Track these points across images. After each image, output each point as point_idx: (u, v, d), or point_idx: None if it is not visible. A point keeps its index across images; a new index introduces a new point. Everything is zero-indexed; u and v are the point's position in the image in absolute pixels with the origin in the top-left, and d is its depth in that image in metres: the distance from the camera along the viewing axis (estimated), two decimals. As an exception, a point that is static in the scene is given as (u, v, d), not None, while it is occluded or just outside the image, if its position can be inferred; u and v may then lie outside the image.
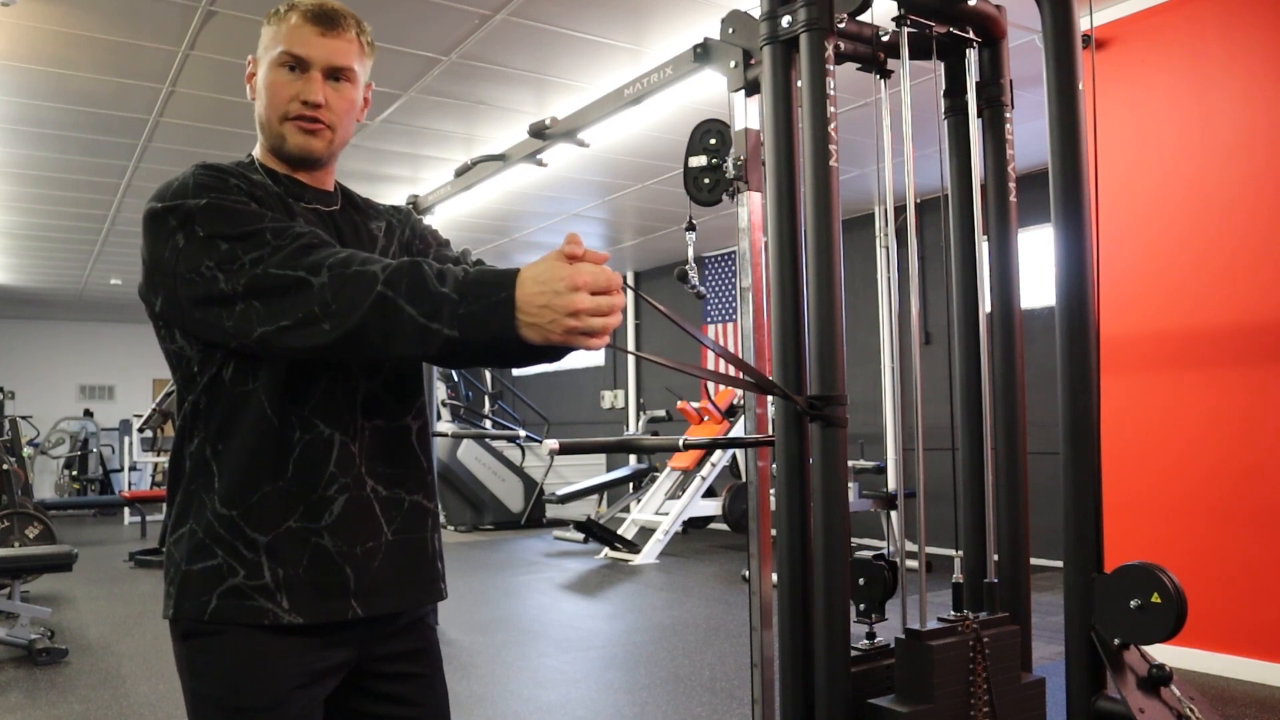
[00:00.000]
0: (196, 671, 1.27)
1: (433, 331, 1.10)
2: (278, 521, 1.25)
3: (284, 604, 1.23)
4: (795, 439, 2.00)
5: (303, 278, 1.14)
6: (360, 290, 1.12)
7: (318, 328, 1.14)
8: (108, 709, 3.70)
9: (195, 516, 1.26)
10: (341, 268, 1.14)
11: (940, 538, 4.98)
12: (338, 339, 1.13)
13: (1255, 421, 3.78)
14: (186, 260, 1.20)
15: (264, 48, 1.35)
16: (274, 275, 1.16)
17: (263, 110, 1.35)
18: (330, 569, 1.26)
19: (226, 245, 1.18)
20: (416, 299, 1.10)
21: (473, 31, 4.52)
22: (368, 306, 1.11)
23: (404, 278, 1.12)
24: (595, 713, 3.62)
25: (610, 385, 11.53)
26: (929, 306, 7.01)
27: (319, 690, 1.29)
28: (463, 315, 1.09)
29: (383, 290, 1.11)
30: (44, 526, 6.81)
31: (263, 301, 1.16)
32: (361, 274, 1.13)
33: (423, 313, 1.10)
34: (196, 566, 1.25)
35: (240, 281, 1.17)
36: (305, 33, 1.32)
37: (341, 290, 1.13)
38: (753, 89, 2.40)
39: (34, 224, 8.12)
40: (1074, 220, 2.10)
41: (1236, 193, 3.87)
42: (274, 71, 1.32)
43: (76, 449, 13.04)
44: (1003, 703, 1.87)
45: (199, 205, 1.21)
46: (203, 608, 1.23)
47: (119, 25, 4.37)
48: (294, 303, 1.14)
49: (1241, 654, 3.79)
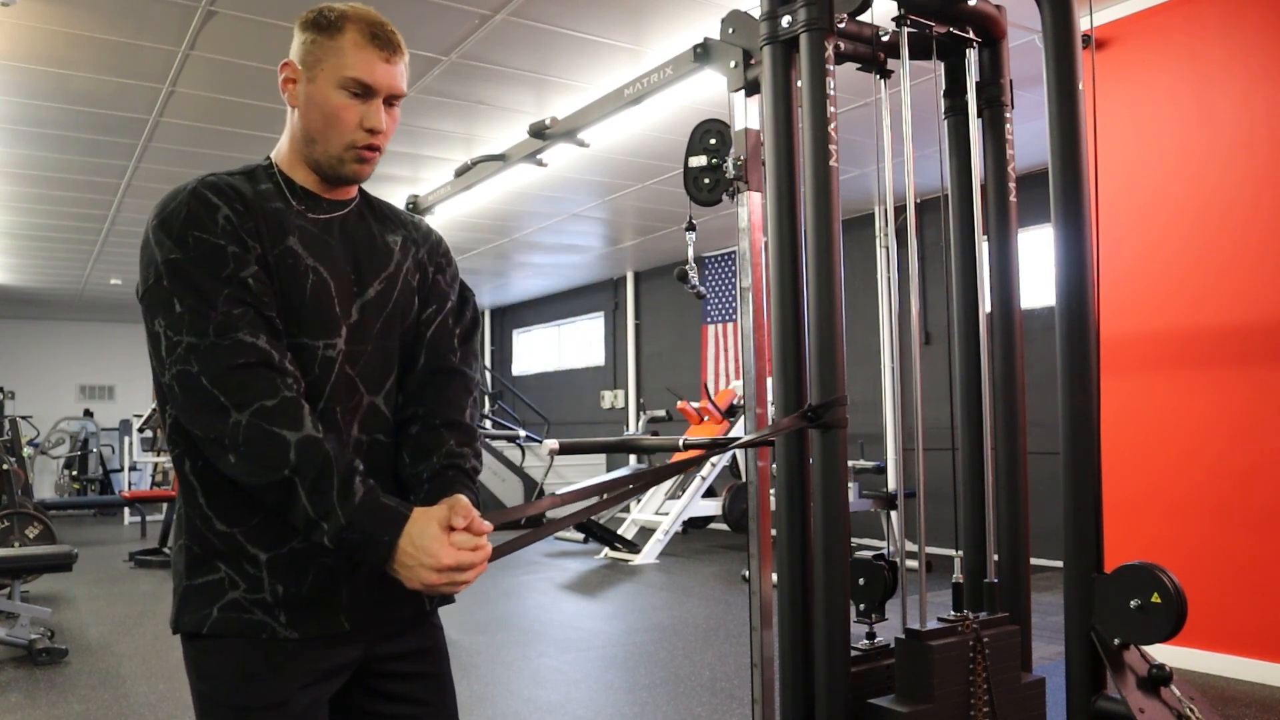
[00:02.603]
0: (203, 673, 1.27)
1: (319, 529, 1.18)
2: (281, 541, 1.25)
3: (281, 619, 1.24)
4: (795, 439, 2.00)
5: (224, 405, 1.17)
6: (271, 458, 1.17)
7: (225, 457, 1.19)
8: (108, 709, 3.70)
9: (189, 531, 1.28)
10: (264, 419, 1.17)
11: (940, 538, 4.98)
12: (239, 478, 1.20)
13: (1255, 421, 3.78)
14: (150, 302, 1.23)
15: (315, 61, 1.30)
16: (202, 386, 1.18)
17: (317, 131, 1.31)
18: (330, 588, 1.27)
19: (179, 308, 1.20)
20: (314, 497, 1.17)
21: (473, 31, 4.52)
22: (272, 480, 1.17)
23: (311, 471, 1.17)
24: (595, 713, 3.62)
25: (610, 385, 11.53)
26: (929, 306, 7.01)
27: (325, 689, 1.29)
28: (345, 539, 1.18)
29: (289, 476, 1.17)
30: (44, 526, 6.81)
31: (185, 399, 1.20)
32: (278, 439, 1.17)
33: (315, 511, 1.17)
34: (197, 581, 1.26)
35: (174, 367, 1.20)
36: (369, 56, 1.29)
37: (252, 444, 1.17)
38: (753, 89, 2.40)
39: (34, 224, 8.11)
40: (1074, 220, 2.10)
41: (1237, 193, 3.87)
42: (337, 95, 1.29)
43: (76, 449, 13.04)
44: (1003, 703, 1.87)
45: (167, 259, 1.22)
46: (202, 621, 1.24)
47: (119, 25, 4.37)
48: (210, 422, 1.19)
49: (1241, 654, 3.79)
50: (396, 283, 1.38)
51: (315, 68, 1.30)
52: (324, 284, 1.29)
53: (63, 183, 6.88)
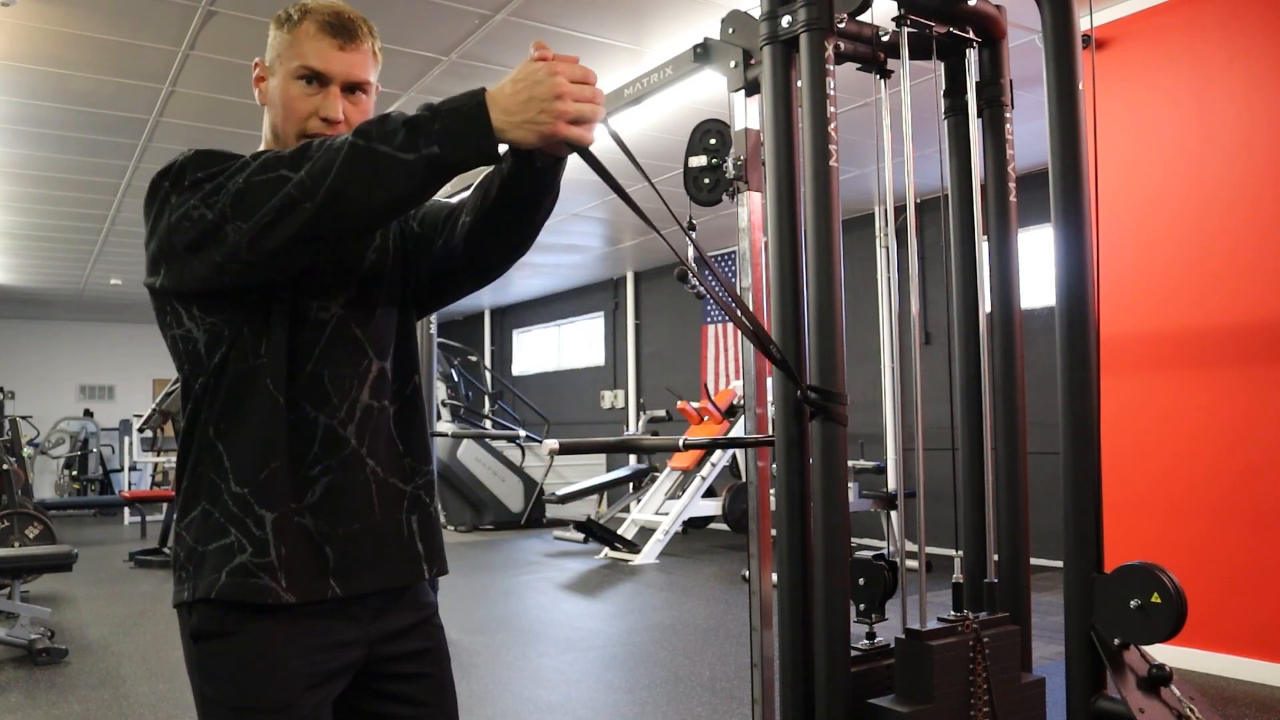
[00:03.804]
0: (207, 673, 1.26)
1: (411, 161, 1.08)
2: (285, 500, 1.25)
3: (283, 582, 1.23)
4: (795, 438, 2.00)
5: (283, 175, 1.12)
6: (331, 155, 1.10)
7: (299, 209, 1.11)
8: (108, 709, 3.70)
9: (208, 497, 1.26)
10: (316, 149, 1.12)
11: (940, 538, 4.98)
12: (320, 208, 1.10)
13: (1254, 421, 3.78)
14: (179, 209, 1.20)
15: (276, 55, 1.32)
16: (255, 182, 1.14)
17: (277, 122, 1.32)
18: (312, 549, 1.26)
19: (210, 183, 1.18)
20: (388, 135, 1.08)
21: (473, 31, 4.52)
22: (341, 162, 1.09)
23: (373, 125, 1.10)
24: (595, 713, 3.62)
25: (610, 385, 11.52)
26: (929, 306, 7.01)
27: (328, 691, 1.29)
28: (439, 131, 1.08)
29: (354, 141, 1.09)
30: (44, 526, 6.81)
31: (246, 214, 1.14)
32: (332, 144, 1.11)
33: (398, 146, 1.08)
34: (212, 546, 1.25)
35: (226, 202, 1.16)
36: (323, 45, 1.29)
37: (314, 166, 1.10)
38: (753, 89, 2.40)
39: (34, 224, 8.12)
40: (1074, 220, 2.10)
41: (1236, 193, 3.87)
42: (291, 84, 1.30)
43: (76, 449, 13.04)
44: (1003, 703, 1.87)
45: (187, 156, 1.22)
46: (211, 585, 1.23)
47: (119, 25, 4.37)
48: (273, 198, 1.12)
49: (1241, 654, 3.79)
50: (388, 250, 1.40)
51: (276, 62, 1.32)
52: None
53: (63, 183, 6.88)
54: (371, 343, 1.34)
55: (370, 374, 1.33)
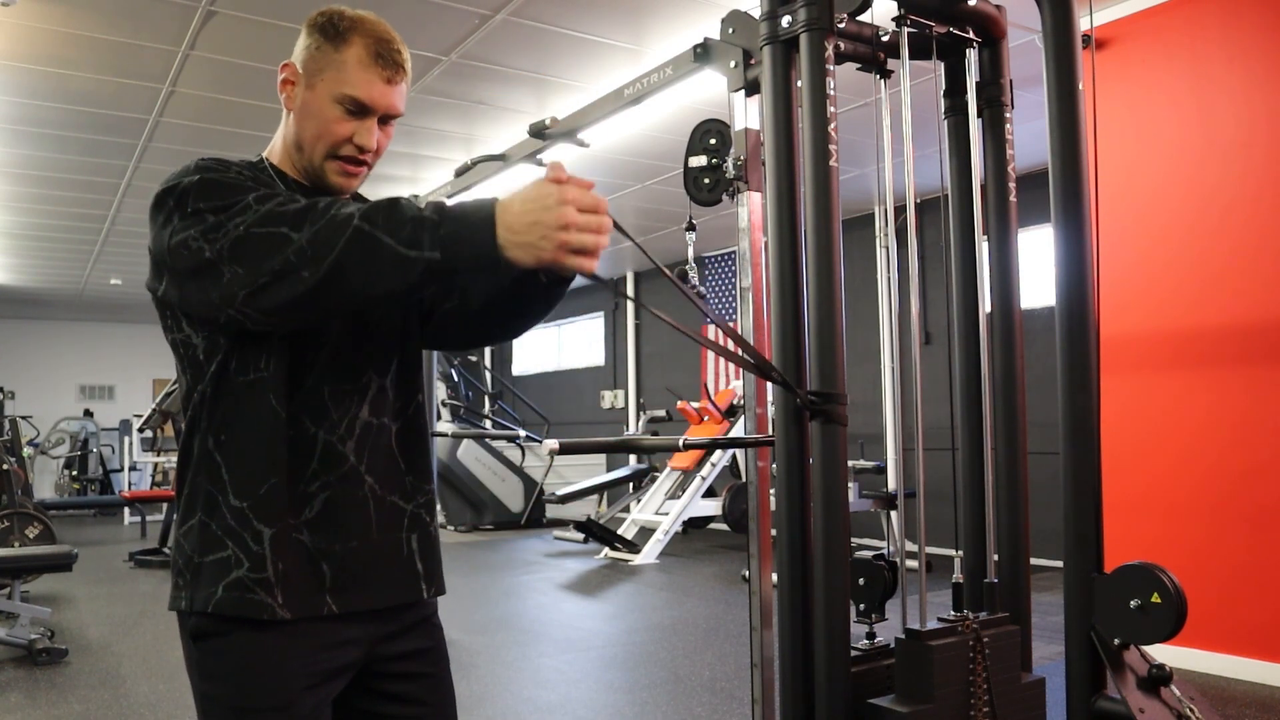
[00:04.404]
0: (206, 673, 1.26)
1: (412, 259, 1.08)
2: (284, 515, 1.25)
3: (279, 598, 1.23)
4: (795, 438, 2.00)
5: (284, 233, 1.12)
6: (335, 230, 1.10)
7: (296, 277, 1.11)
8: (108, 709, 3.70)
9: (205, 509, 1.26)
10: (320, 216, 1.12)
11: (940, 538, 4.98)
12: (317, 283, 1.10)
13: (1254, 422, 3.78)
14: (179, 235, 1.20)
15: (318, 69, 1.29)
16: (255, 234, 1.14)
17: (306, 135, 1.31)
18: (310, 565, 1.26)
19: (213, 217, 1.17)
20: (394, 228, 1.08)
21: (473, 31, 4.52)
22: (344, 242, 1.09)
23: (380, 212, 1.10)
24: (595, 713, 3.62)
25: (610, 385, 11.52)
26: (929, 306, 7.01)
27: (327, 691, 1.29)
28: (444, 235, 1.07)
29: (359, 224, 1.09)
30: (44, 526, 6.81)
31: (244, 263, 1.14)
32: (337, 217, 1.11)
33: (402, 241, 1.08)
34: (210, 558, 1.25)
35: (224, 245, 1.15)
36: (371, 76, 1.28)
37: (317, 236, 1.10)
38: (753, 89, 2.40)
39: (34, 224, 8.12)
40: (1074, 220, 2.10)
41: (1236, 193, 3.87)
42: (331, 107, 1.29)
43: (76, 449, 13.04)
44: (1003, 703, 1.87)
45: (192, 181, 1.21)
46: (208, 599, 1.24)
47: (119, 25, 4.37)
48: (273, 258, 1.12)
49: (1241, 654, 3.79)
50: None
51: (315, 76, 1.30)
52: None
53: (63, 183, 6.88)
54: (372, 360, 1.34)
55: (370, 390, 1.33)
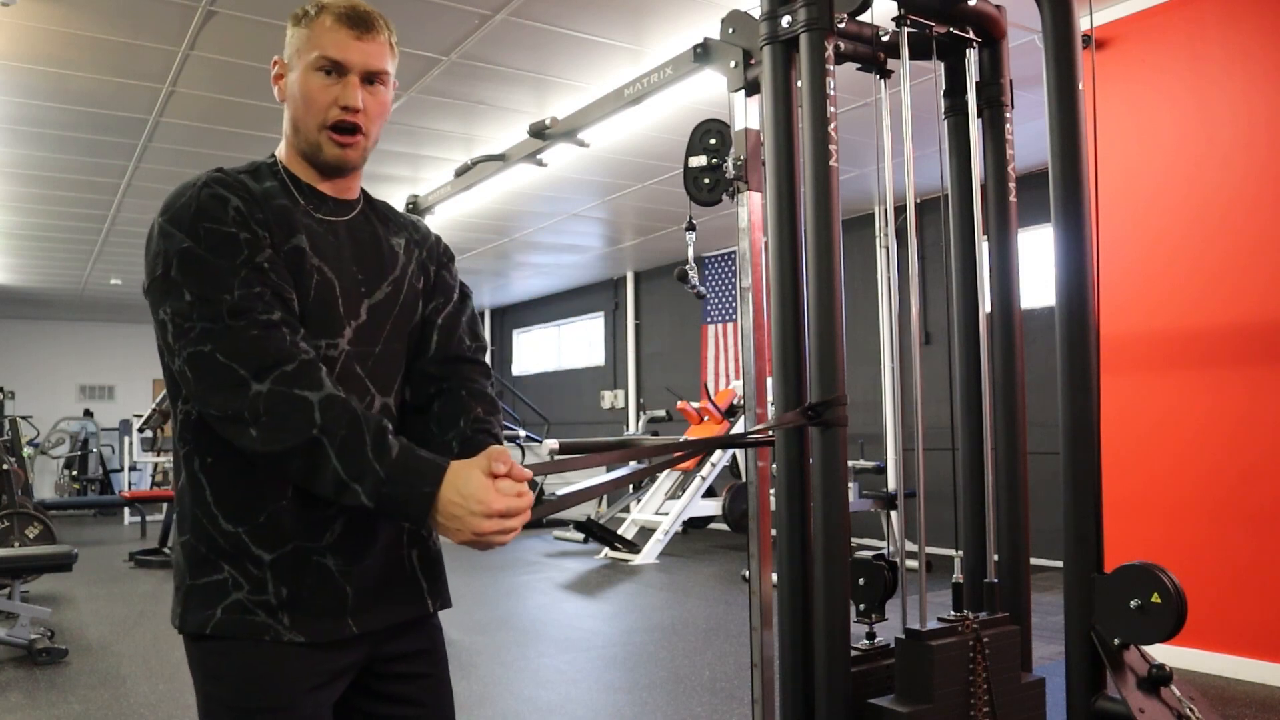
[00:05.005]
0: (209, 673, 1.26)
1: (351, 490, 1.15)
2: (284, 540, 1.25)
3: (285, 621, 1.23)
4: (795, 439, 2.00)
5: (242, 378, 1.15)
6: (295, 419, 1.14)
7: (244, 431, 1.16)
8: (108, 709, 3.70)
9: (194, 529, 1.26)
10: (285, 384, 1.15)
11: (940, 538, 4.98)
12: (262, 453, 1.16)
13: (1254, 422, 3.78)
14: (156, 293, 1.22)
15: (295, 50, 1.32)
16: (217, 363, 1.16)
17: (298, 115, 1.33)
18: (333, 588, 1.26)
19: (189, 298, 1.18)
20: (346, 457, 1.14)
21: (473, 31, 4.52)
22: (298, 443, 1.14)
23: (341, 428, 1.15)
24: (595, 713, 3.62)
25: (610, 385, 11.52)
26: (929, 306, 7.01)
27: (330, 693, 1.29)
28: (385, 494, 1.15)
29: (317, 435, 1.14)
30: (44, 526, 6.81)
31: (198, 380, 1.18)
32: (300, 401, 1.15)
33: (348, 472, 1.14)
34: (201, 580, 1.25)
35: (184, 350, 1.18)
36: (341, 36, 1.30)
37: (275, 410, 1.14)
38: (753, 89, 2.40)
39: (34, 224, 8.11)
40: (1074, 220, 2.10)
41: (1236, 193, 3.87)
42: (310, 76, 1.30)
43: (76, 449, 13.04)
44: (1003, 703, 1.87)
45: (179, 248, 1.21)
46: (206, 621, 1.23)
47: (119, 25, 4.37)
48: (227, 398, 1.16)
49: (1241, 654, 3.79)
50: (403, 286, 1.39)
51: (296, 57, 1.32)
52: (328, 284, 1.29)
53: (63, 183, 6.88)
54: (374, 379, 1.34)
55: (373, 410, 1.33)
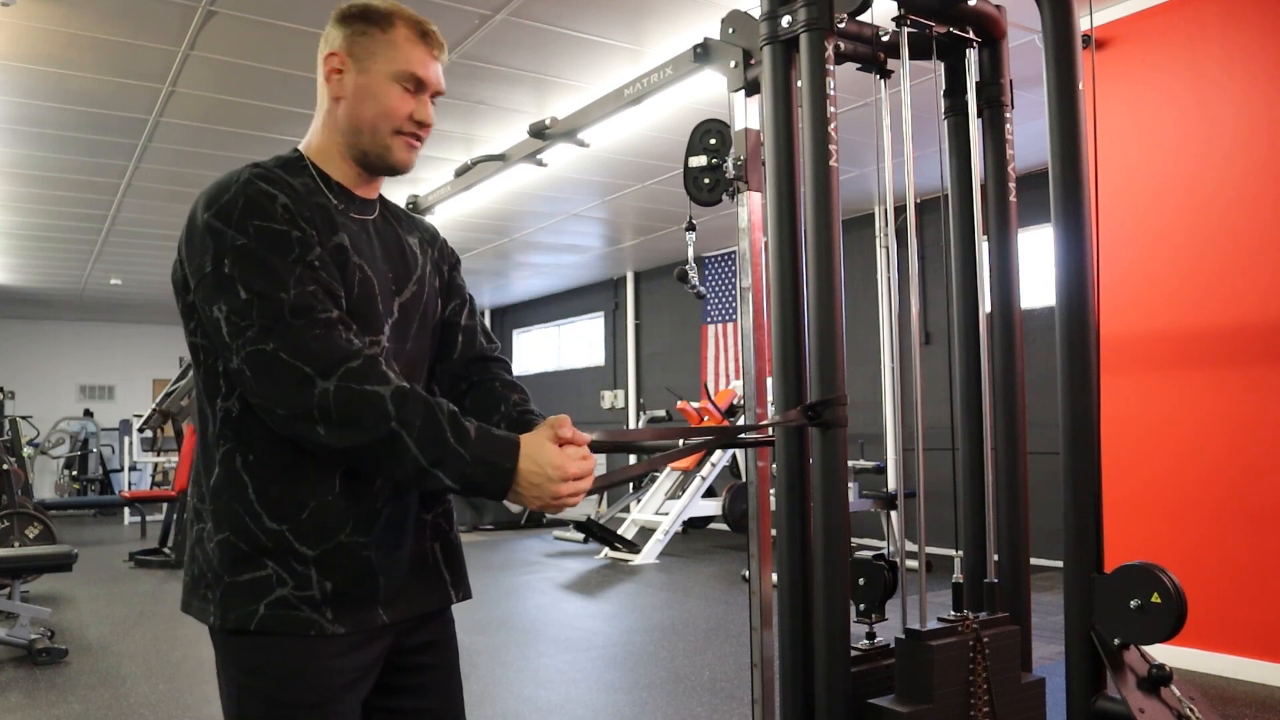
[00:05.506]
0: (246, 667, 1.26)
1: (433, 476, 1.17)
2: (329, 535, 1.25)
3: (328, 615, 1.24)
4: (795, 439, 2.00)
5: (308, 375, 1.16)
6: (369, 414, 1.15)
7: (312, 428, 1.16)
8: (108, 709, 3.70)
9: (234, 527, 1.25)
10: (353, 380, 1.16)
11: (940, 538, 4.98)
12: (331, 447, 1.17)
13: (1255, 421, 3.78)
14: (207, 290, 1.21)
15: (368, 53, 1.33)
16: (281, 362, 1.16)
17: (365, 118, 1.33)
18: (370, 580, 1.28)
19: (245, 295, 1.18)
20: (426, 445, 1.16)
21: (473, 31, 4.52)
22: (375, 437, 1.15)
23: (417, 418, 1.16)
24: (595, 713, 3.62)
25: (610, 385, 11.52)
26: (929, 306, 7.01)
27: (361, 690, 1.31)
28: (469, 475, 1.18)
29: (395, 428, 1.15)
30: (44, 526, 6.82)
31: (260, 379, 1.17)
32: (372, 396, 1.16)
33: (429, 459, 1.16)
34: (243, 578, 1.24)
35: (244, 349, 1.18)
36: (421, 54, 1.34)
37: (346, 406, 1.15)
38: (753, 89, 2.40)
39: (34, 224, 8.11)
40: (1074, 220, 2.10)
41: (1236, 193, 3.87)
42: (390, 86, 1.33)
43: (76, 449, 13.04)
44: (1003, 703, 1.87)
45: (233, 245, 1.20)
46: (249, 617, 1.23)
47: (119, 25, 4.37)
48: (294, 396, 1.16)
49: (1241, 654, 3.79)
50: (425, 285, 1.43)
51: (367, 60, 1.33)
52: (369, 281, 1.32)
53: (63, 183, 6.88)
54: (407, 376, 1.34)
55: None
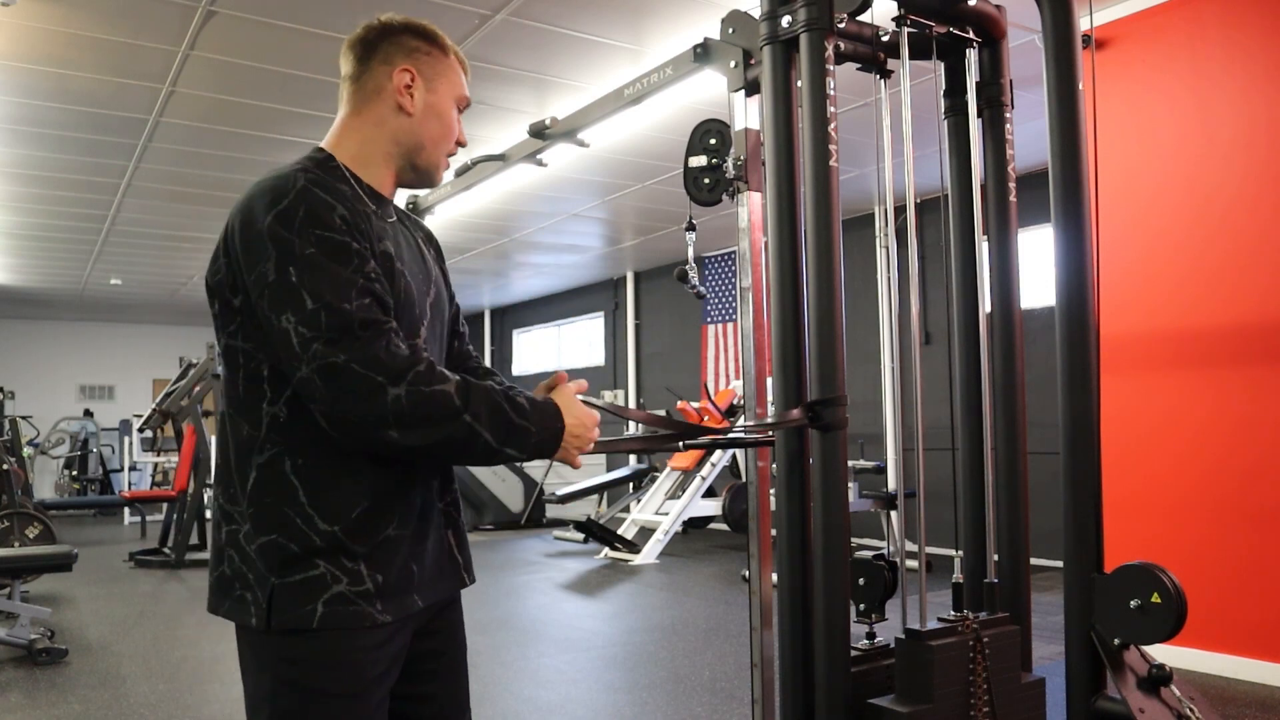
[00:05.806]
0: (289, 660, 1.27)
1: (504, 454, 1.29)
2: (378, 532, 1.29)
3: (378, 605, 1.28)
4: (795, 439, 2.00)
5: (379, 384, 1.20)
6: (441, 412, 1.22)
7: (384, 433, 1.21)
8: (108, 709, 3.70)
9: (283, 530, 1.26)
10: (421, 383, 1.22)
11: (940, 538, 4.98)
12: (407, 448, 1.23)
13: (1255, 421, 3.78)
14: (274, 296, 1.22)
15: (438, 75, 1.42)
16: (355, 373, 1.19)
17: (431, 135, 1.42)
18: (407, 568, 1.33)
19: (312, 305, 1.20)
20: (496, 428, 1.27)
21: (473, 31, 4.52)
22: (451, 430, 1.23)
23: (483, 405, 1.26)
24: (595, 713, 3.62)
25: (610, 385, 11.52)
26: (929, 306, 7.01)
27: (392, 678, 1.34)
28: (534, 444, 1.31)
29: (467, 420, 1.24)
30: (44, 526, 6.81)
31: (332, 388, 1.20)
32: (440, 395, 1.23)
33: (499, 440, 1.27)
34: (295, 578, 1.26)
35: (315, 360, 1.19)
36: (464, 80, 1.47)
37: (419, 408, 1.21)
38: (753, 89, 2.40)
39: (34, 224, 8.11)
40: (1074, 220, 2.10)
41: (1236, 193, 3.87)
42: (452, 108, 1.45)
43: (76, 449, 13.04)
44: (1003, 703, 1.87)
45: (301, 254, 1.22)
46: (309, 616, 1.25)
47: (119, 25, 4.37)
48: (367, 405, 1.19)
49: (1241, 654, 3.79)
50: (440, 286, 1.49)
51: (436, 80, 1.42)
52: (409, 286, 1.36)
53: (63, 183, 6.88)
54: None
55: None
